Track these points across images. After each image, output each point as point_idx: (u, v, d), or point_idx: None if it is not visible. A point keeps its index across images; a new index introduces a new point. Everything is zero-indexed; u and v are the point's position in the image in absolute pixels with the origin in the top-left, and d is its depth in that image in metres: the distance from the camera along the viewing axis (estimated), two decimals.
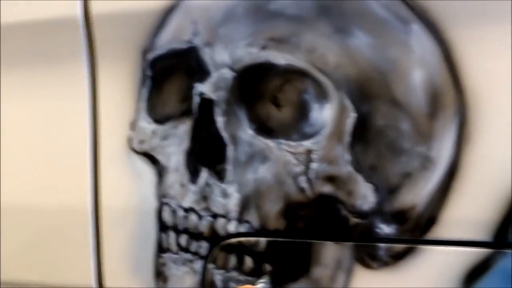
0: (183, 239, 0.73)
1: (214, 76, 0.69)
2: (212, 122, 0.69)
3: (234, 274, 0.70)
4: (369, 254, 0.65)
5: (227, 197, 0.69)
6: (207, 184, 0.70)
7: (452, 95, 0.60)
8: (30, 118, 0.80)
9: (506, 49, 0.59)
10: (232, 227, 0.70)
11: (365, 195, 0.64)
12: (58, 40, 0.76)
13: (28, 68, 0.79)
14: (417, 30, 0.61)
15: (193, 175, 0.71)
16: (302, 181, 0.66)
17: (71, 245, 0.79)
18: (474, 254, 0.61)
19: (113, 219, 0.76)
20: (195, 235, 0.72)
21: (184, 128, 0.71)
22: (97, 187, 0.77)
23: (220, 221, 0.70)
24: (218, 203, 0.70)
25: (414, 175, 0.62)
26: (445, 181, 0.61)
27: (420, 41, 0.61)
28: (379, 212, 0.64)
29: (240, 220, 0.69)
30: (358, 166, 0.64)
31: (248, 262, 0.70)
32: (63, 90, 0.77)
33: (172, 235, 0.73)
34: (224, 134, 0.69)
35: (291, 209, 0.67)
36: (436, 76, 0.61)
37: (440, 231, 0.62)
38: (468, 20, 0.59)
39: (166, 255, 0.74)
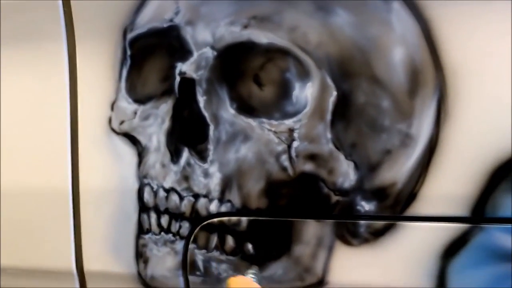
0: (164, 220, 0.72)
1: (196, 55, 0.69)
2: (194, 101, 0.69)
3: (216, 253, 0.70)
4: (349, 231, 0.66)
5: (209, 177, 0.69)
6: (189, 164, 0.70)
7: (431, 73, 0.61)
8: (7, 98, 0.78)
9: (484, 26, 0.60)
10: (213, 207, 0.70)
11: (346, 173, 0.65)
12: (37, 18, 0.75)
13: (6, 47, 0.77)
14: (398, 8, 0.62)
15: (174, 155, 0.71)
16: (284, 160, 0.66)
17: (50, 227, 0.78)
18: (453, 229, 0.62)
19: (93, 201, 0.76)
20: (176, 216, 0.72)
21: (165, 108, 0.71)
22: (77, 168, 0.76)
23: (202, 201, 0.70)
24: (199, 183, 0.70)
25: (394, 152, 0.63)
26: (425, 157, 0.62)
27: (400, 19, 0.62)
28: (359, 189, 0.65)
29: (222, 199, 0.69)
30: (339, 144, 0.64)
31: (230, 241, 0.70)
32: (42, 70, 0.76)
33: (153, 215, 0.73)
34: (206, 114, 0.69)
35: (273, 187, 0.67)
36: (416, 54, 0.61)
37: (420, 207, 0.63)
38: None
39: (147, 236, 0.73)
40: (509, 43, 0.59)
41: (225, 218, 0.69)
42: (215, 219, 0.70)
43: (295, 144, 0.66)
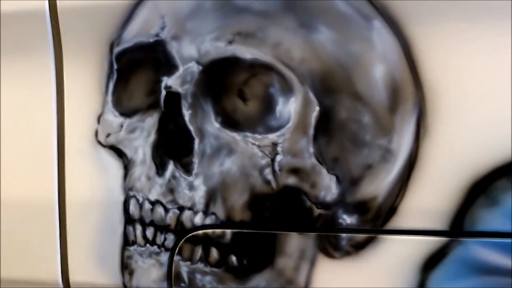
0: (150, 232, 0.73)
1: (181, 69, 0.69)
2: (179, 115, 0.70)
3: (200, 265, 0.71)
4: (331, 244, 0.67)
5: (194, 190, 0.70)
6: (174, 177, 0.71)
7: (411, 89, 0.63)
8: None
9: (464, 45, 0.61)
10: (198, 219, 0.70)
11: (328, 187, 0.66)
12: (24, 32, 0.76)
13: None
14: (379, 26, 0.63)
15: (160, 168, 0.72)
16: (268, 173, 0.67)
17: (36, 239, 0.78)
18: (432, 242, 0.63)
19: (79, 212, 0.76)
20: (161, 228, 0.72)
21: (151, 121, 0.72)
22: (63, 180, 0.76)
23: (186, 214, 0.71)
24: (184, 196, 0.71)
25: (375, 167, 0.64)
26: (405, 172, 0.63)
27: (381, 37, 0.63)
28: (341, 203, 0.66)
29: (206, 212, 0.70)
30: (321, 158, 0.65)
31: (214, 253, 0.70)
32: (29, 83, 0.77)
33: (138, 227, 0.73)
34: (191, 127, 0.69)
35: (256, 201, 0.68)
36: (396, 71, 0.63)
37: (400, 221, 0.64)
38: (427, 17, 0.62)
39: (132, 248, 0.74)
40: (488, 61, 0.61)
41: (209, 230, 0.70)
42: (200, 231, 0.70)
43: (279, 158, 0.67)
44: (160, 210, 0.72)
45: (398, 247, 0.64)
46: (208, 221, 0.70)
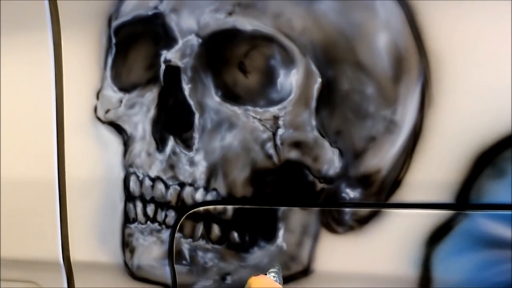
0: (150, 209, 0.72)
1: (181, 42, 0.68)
2: (179, 89, 0.69)
3: (202, 242, 0.70)
4: (335, 219, 0.65)
5: (194, 165, 0.69)
6: (174, 153, 0.70)
7: (415, 59, 0.61)
8: None
9: (468, 13, 0.59)
10: (199, 195, 0.69)
11: (331, 160, 0.64)
12: (22, 7, 0.75)
13: None
14: None
15: (160, 143, 0.70)
16: (269, 148, 0.66)
17: (37, 217, 0.77)
18: (437, 216, 0.62)
19: (79, 190, 0.75)
20: (162, 204, 0.71)
21: (150, 96, 0.70)
22: (63, 157, 0.75)
23: (187, 190, 0.70)
24: (185, 172, 0.70)
25: (379, 139, 0.63)
26: (409, 144, 0.62)
27: (384, 5, 0.61)
28: (344, 176, 0.64)
29: (207, 188, 0.69)
30: (324, 131, 0.64)
31: (216, 230, 0.69)
32: (27, 59, 0.76)
33: (139, 204, 0.72)
34: (191, 102, 0.68)
35: (258, 175, 0.67)
36: (400, 40, 0.61)
37: (404, 194, 0.63)
38: None
39: (133, 226, 0.73)
40: (493, 30, 0.59)
41: (210, 207, 0.69)
42: (201, 208, 0.69)
43: (280, 131, 0.65)
44: (160, 186, 0.71)
45: (402, 221, 0.63)
46: (209, 197, 0.69)
